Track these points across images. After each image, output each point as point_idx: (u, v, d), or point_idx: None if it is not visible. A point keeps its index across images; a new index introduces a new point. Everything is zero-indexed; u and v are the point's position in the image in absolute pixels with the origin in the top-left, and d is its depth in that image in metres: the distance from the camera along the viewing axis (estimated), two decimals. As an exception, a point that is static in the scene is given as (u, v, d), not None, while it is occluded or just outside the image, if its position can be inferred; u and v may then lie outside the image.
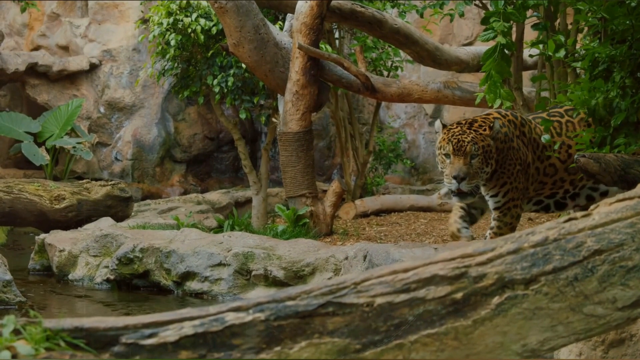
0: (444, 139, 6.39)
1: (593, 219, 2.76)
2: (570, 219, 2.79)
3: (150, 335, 2.43)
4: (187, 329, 2.45)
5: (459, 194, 6.37)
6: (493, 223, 6.71)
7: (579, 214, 2.81)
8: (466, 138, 6.31)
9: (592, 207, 2.85)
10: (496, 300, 2.61)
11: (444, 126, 6.52)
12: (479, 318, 2.59)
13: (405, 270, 2.64)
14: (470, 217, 6.93)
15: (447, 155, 6.34)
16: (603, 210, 2.80)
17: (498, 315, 2.60)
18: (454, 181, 6.28)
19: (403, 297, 2.58)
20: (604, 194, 6.68)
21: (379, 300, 2.57)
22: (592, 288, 2.65)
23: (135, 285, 7.45)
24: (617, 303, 2.66)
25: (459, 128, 6.42)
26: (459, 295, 2.60)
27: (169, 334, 2.43)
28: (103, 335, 2.41)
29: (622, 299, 2.66)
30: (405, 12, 11.49)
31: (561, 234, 2.72)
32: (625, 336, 3.92)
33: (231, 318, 2.48)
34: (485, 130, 6.39)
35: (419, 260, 2.68)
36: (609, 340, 3.94)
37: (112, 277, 7.48)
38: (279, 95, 9.71)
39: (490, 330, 2.60)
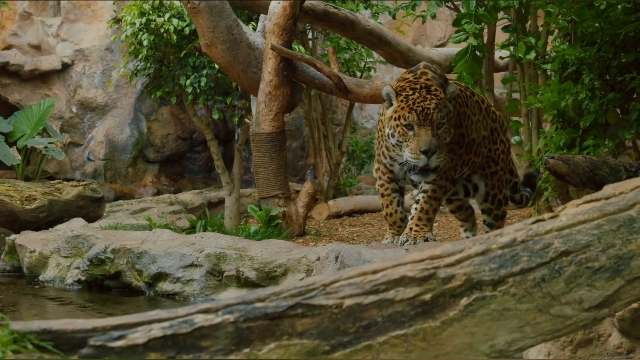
0: (402, 108, 5.64)
1: (560, 221, 2.78)
2: (538, 220, 2.82)
3: (119, 337, 2.42)
4: (156, 330, 2.44)
5: (422, 171, 5.68)
6: (427, 186, 5.98)
7: (546, 215, 2.83)
8: (430, 105, 5.59)
9: (559, 208, 2.88)
10: (464, 301, 2.63)
11: (398, 93, 5.76)
12: (447, 319, 2.61)
13: (375, 272, 2.65)
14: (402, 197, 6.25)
15: (408, 126, 5.59)
16: (570, 211, 2.82)
17: (466, 316, 2.62)
18: (422, 156, 5.54)
19: (372, 298, 2.59)
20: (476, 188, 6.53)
21: (348, 302, 2.57)
22: (559, 289, 2.68)
23: (106, 286, 7.42)
24: (584, 304, 2.68)
25: (417, 94, 5.66)
26: (427, 296, 2.62)
27: (138, 336, 2.43)
28: (71, 338, 2.40)
29: (588, 299, 2.68)
30: (378, 14, 11.53)
31: (529, 235, 2.74)
32: (593, 336, 3.96)
33: (200, 320, 2.48)
34: (442, 93, 5.71)
35: (388, 261, 2.70)
36: (577, 340, 3.97)
37: (83, 278, 7.44)
38: (252, 96, 9.70)
39: (458, 331, 2.62)
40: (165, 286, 7.12)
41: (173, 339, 2.45)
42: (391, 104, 5.79)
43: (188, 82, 10.61)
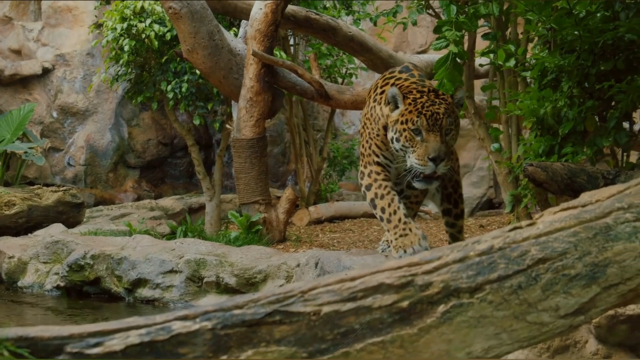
0: (410, 112, 5.40)
1: (537, 228, 2.80)
2: (515, 228, 2.83)
3: (96, 345, 2.42)
4: (133, 338, 2.44)
5: (427, 178, 5.43)
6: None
7: (524, 222, 2.85)
8: (439, 110, 5.39)
9: (537, 215, 2.89)
10: (442, 308, 2.64)
11: (405, 96, 5.52)
12: (424, 326, 2.62)
13: (353, 279, 2.66)
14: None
15: (416, 131, 5.36)
16: (547, 219, 2.84)
17: (443, 323, 2.63)
18: (430, 163, 5.30)
19: (350, 305, 2.60)
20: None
21: (326, 309, 2.58)
22: (536, 296, 2.69)
23: (85, 292, 7.39)
24: (560, 311, 2.70)
25: (425, 98, 5.46)
26: (405, 303, 2.62)
27: (115, 343, 2.43)
28: (48, 345, 2.40)
29: (564, 306, 2.70)
30: (359, 20, 11.56)
31: (506, 242, 2.75)
32: (570, 343, 3.98)
33: (178, 327, 2.48)
34: (450, 98, 5.56)
35: (366, 268, 2.70)
36: (554, 347, 3.99)
37: (62, 284, 7.41)
38: (233, 102, 9.70)
39: (435, 338, 2.62)
40: (144, 292, 7.10)
41: (151, 346, 2.44)
42: (396, 107, 5.55)
43: (169, 87, 10.60)
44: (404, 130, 5.40)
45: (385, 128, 5.74)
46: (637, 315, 3.81)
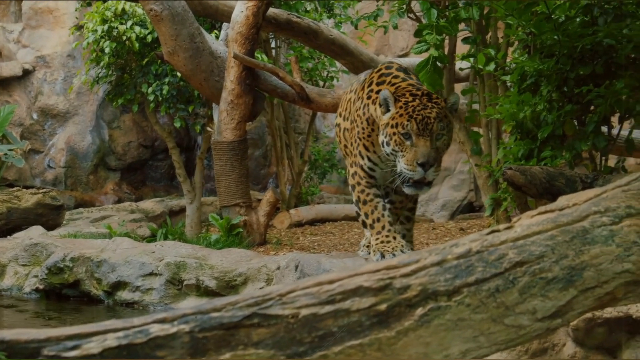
0: (401, 115, 5.25)
1: (515, 231, 2.81)
2: (493, 231, 2.84)
3: (73, 347, 2.40)
4: (111, 340, 2.43)
5: (417, 184, 5.27)
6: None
7: (502, 226, 2.86)
8: (431, 114, 5.22)
9: (515, 219, 2.91)
10: (420, 311, 2.64)
11: (397, 99, 5.36)
12: (402, 329, 2.62)
13: (331, 282, 2.66)
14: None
15: (406, 135, 5.21)
16: (525, 222, 2.85)
17: (421, 326, 2.63)
18: (419, 169, 5.16)
19: (328, 308, 2.60)
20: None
21: (304, 312, 2.58)
22: (513, 299, 2.70)
23: (65, 295, 7.35)
24: (537, 314, 2.71)
25: (417, 101, 5.30)
26: (383, 306, 2.63)
27: (92, 346, 2.41)
28: (25, 348, 2.38)
29: (542, 309, 2.71)
30: (341, 23, 11.57)
31: (484, 245, 2.76)
32: (548, 346, 4.00)
33: (156, 330, 2.47)
34: (443, 102, 5.39)
35: (344, 271, 2.70)
36: (533, 350, 4.01)
37: (41, 287, 7.37)
38: (214, 104, 9.69)
39: (413, 341, 2.63)
40: (124, 295, 7.07)
41: (128, 348, 2.43)
42: (388, 110, 5.39)
43: (150, 89, 10.59)
44: (394, 134, 5.26)
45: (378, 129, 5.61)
46: (614, 318, 3.84)
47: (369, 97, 5.76)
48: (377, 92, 5.65)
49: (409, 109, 5.24)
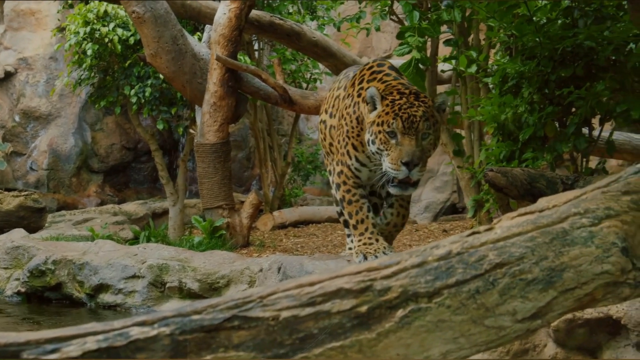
0: (387, 113, 5.15)
1: (495, 233, 2.82)
2: (473, 233, 2.85)
3: (53, 351, 2.39)
4: (91, 344, 2.42)
5: (402, 184, 5.16)
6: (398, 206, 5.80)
7: (482, 227, 2.87)
8: (417, 112, 5.11)
9: (495, 220, 2.92)
10: (400, 313, 2.64)
11: (384, 97, 5.26)
12: (383, 331, 2.62)
13: (312, 284, 2.66)
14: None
15: (391, 133, 5.12)
16: (505, 224, 2.86)
17: (402, 327, 2.64)
18: (403, 168, 5.05)
19: (309, 310, 2.60)
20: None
21: (285, 314, 2.57)
22: (493, 300, 2.71)
23: (47, 298, 7.33)
24: (517, 315, 2.72)
25: (404, 99, 5.19)
26: (363, 308, 2.63)
27: (72, 350, 2.40)
28: (3, 351, 2.37)
29: (521, 311, 2.72)
30: (324, 25, 11.58)
31: (464, 247, 2.77)
32: (529, 346, 4.02)
33: (136, 333, 2.46)
34: (430, 101, 5.28)
35: (325, 273, 2.71)
36: (514, 351, 4.02)
37: (23, 290, 7.34)
38: (196, 107, 9.68)
39: (394, 343, 2.63)
40: (106, 298, 7.06)
41: (108, 352, 2.43)
42: (374, 108, 5.29)
43: (132, 92, 10.56)
44: (380, 132, 5.16)
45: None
46: (595, 319, 3.86)
47: (359, 95, 5.63)
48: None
49: (395, 107, 5.15)
